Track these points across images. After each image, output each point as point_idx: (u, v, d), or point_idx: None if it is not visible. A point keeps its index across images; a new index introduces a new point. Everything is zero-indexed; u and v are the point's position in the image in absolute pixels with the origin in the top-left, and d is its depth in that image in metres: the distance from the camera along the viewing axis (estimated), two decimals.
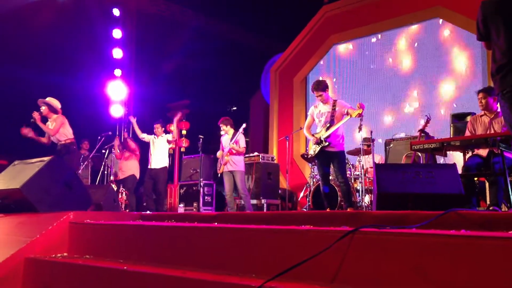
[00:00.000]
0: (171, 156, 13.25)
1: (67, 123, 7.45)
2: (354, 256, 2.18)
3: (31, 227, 3.85)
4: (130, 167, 9.20)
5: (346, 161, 7.99)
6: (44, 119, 7.45)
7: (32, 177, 4.38)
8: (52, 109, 7.48)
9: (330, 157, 6.03)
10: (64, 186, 4.61)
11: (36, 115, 7.31)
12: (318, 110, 6.20)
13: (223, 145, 7.70)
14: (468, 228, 2.26)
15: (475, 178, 5.23)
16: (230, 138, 7.57)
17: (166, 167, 8.59)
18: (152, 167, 8.49)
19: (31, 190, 4.34)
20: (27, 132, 7.32)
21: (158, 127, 8.73)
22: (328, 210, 5.74)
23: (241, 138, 7.59)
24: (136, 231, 3.48)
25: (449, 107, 9.07)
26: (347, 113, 5.89)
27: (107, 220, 4.01)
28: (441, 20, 9.46)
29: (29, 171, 4.50)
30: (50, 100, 7.51)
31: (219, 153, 7.65)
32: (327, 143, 5.89)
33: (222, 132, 7.81)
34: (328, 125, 5.97)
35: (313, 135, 6.11)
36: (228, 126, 7.68)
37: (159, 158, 8.51)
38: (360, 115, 5.84)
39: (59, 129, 7.32)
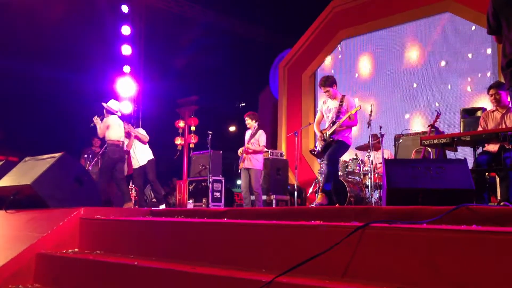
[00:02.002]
0: (180, 152, 13.32)
1: (114, 124, 7.60)
2: (365, 251, 2.18)
3: (42, 223, 3.88)
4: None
5: (355, 157, 7.97)
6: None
7: (43, 173, 4.41)
8: (108, 111, 7.72)
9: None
10: (74, 182, 4.64)
11: (94, 119, 7.66)
12: (327, 106, 6.14)
13: (245, 140, 7.68)
14: (479, 223, 2.25)
15: (486, 173, 5.18)
16: (250, 135, 7.55)
17: (152, 159, 8.35)
18: (140, 164, 8.23)
19: (42, 186, 4.37)
20: (96, 120, 7.66)
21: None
22: (337, 205, 5.69)
23: (261, 135, 7.55)
24: (147, 227, 3.50)
25: (459, 102, 9.00)
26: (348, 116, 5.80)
27: (117, 216, 4.04)
28: (450, 14, 9.38)
29: (40, 167, 4.53)
30: (110, 103, 7.80)
31: (240, 150, 7.64)
32: (331, 139, 5.84)
33: (247, 125, 7.72)
34: (333, 121, 5.91)
35: (321, 132, 6.07)
36: (254, 121, 7.62)
37: (141, 154, 8.27)
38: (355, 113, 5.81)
39: (104, 131, 7.54)
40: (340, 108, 5.90)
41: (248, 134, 7.67)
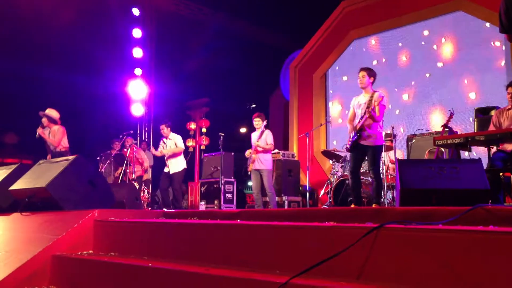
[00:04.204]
0: (191, 153, 13.36)
1: (65, 133, 7.77)
2: (380, 252, 2.16)
3: (57, 225, 3.91)
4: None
5: None
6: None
7: (57, 175, 4.45)
8: (52, 120, 7.74)
9: (364, 151, 5.77)
10: (88, 185, 4.67)
11: (39, 131, 7.69)
12: (357, 101, 5.89)
13: (252, 142, 7.67)
14: (495, 224, 2.23)
15: (500, 174, 5.13)
16: (257, 135, 7.53)
17: (179, 171, 8.41)
18: (170, 172, 8.32)
19: (57, 188, 4.41)
20: (41, 132, 7.70)
21: (163, 128, 8.50)
22: (352, 206, 5.64)
23: (268, 135, 7.54)
24: (160, 229, 3.51)
25: (472, 101, 8.92)
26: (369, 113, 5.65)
27: (131, 218, 4.06)
28: (463, 13, 9.30)
29: (54, 170, 4.58)
30: (49, 111, 7.81)
31: (247, 153, 7.63)
32: (358, 136, 5.70)
33: (256, 126, 7.69)
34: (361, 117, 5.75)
35: (353, 128, 5.79)
36: (264, 122, 7.59)
37: (171, 163, 8.36)
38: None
39: (61, 140, 7.66)
40: (370, 104, 5.66)
41: (254, 135, 7.66)
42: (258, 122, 7.59)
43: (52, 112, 7.81)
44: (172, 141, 8.41)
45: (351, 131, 5.85)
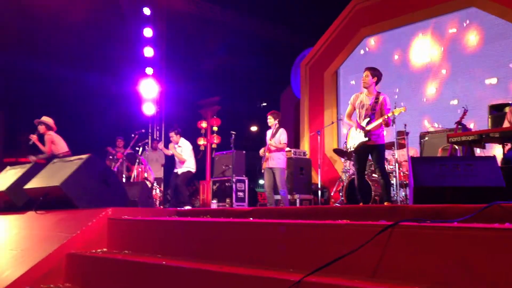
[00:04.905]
0: (203, 152, 13.41)
1: (56, 138, 7.74)
2: (394, 250, 2.15)
3: (72, 223, 3.94)
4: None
5: None
6: (41, 137, 7.82)
7: (71, 174, 4.49)
8: (48, 127, 7.78)
9: (369, 151, 5.80)
10: (101, 183, 4.71)
11: (33, 137, 7.68)
12: (360, 100, 5.86)
13: (266, 140, 7.68)
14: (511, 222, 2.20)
15: None
16: (271, 134, 7.53)
17: (187, 171, 8.55)
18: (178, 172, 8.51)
19: (71, 187, 4.45)
20: (36, 140, 7.71)
21: (173, 135, 8.58)
22: (361, 204, 5.62)
23: (282, 134, 7.54)
24: (174, 227, 3.53)
25: (486, 98, 8.82)
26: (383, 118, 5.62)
27: (144, 216, 4.08)
28: (475, 9, 9.21)
29: (68, 169, 4.62)
30: (44, 119, 7.83)
31: (261, 151, 7.63)
32: (366, 138, 5.69)
33: (269, 123, 7.70)
34: (368, 119, 5.74)
35: (359, 124, 5.77)
36: (276, 120, 7.60)
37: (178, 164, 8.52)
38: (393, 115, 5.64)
39: (51, 147, 7.65)
40: (375, 106, 5.64)
41: (269, 133, 7.66)
42: (270, 120, 7.60)
43: (47, 119, 7.85)
44: (181, 149, 8.49)
45: (356, 127, 5.84)
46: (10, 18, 10.08)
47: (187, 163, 8.43)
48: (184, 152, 8.45)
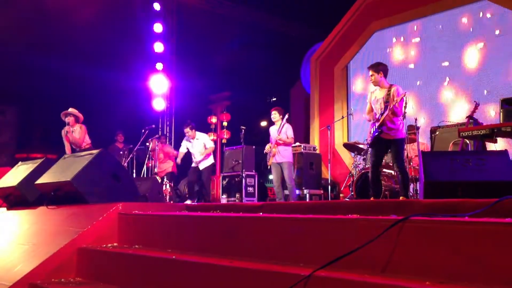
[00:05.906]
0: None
1: (86, 131, 7.85)
2: (405, 245, 2.14)
3: (82, 218, 3.97)
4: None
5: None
6: None
7: (82, 169, 4.52)
8: (78, 119, 7.81)
9: (386, 145, 5.72)
10: (112, 178, 4.73)
11: (68, 129, 7.68)
12: (374, 96, 5.82)
13: (271, 136, 7.69)
14: None
15: None
16: (278, 129, 7.54)
17: (207, 166, 8.58)
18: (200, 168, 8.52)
19: (82, 182, 4.48)
20: (70, 132, 7.72)
21: (188, 131, 8.52)
22: (372, 199, 5.60)
23: (288, 129, 7.55)
24: (184, 222, 3.54)
25: (497, 92, 8.72)
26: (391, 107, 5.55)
27: (154, 211, 4.09)
28: (488, 2, 9.09)
29: (79, 164, 4.64)
30: (72, 110, 7.82)
31: (267, 147, 7.64)
32: (379, 130, 5.63)
33: (273, 119, 7.72)
34: (381, 112, 5.69)
35: (377, 119, 5.67)
36: (281, 116, 7.61)
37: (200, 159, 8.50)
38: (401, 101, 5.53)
39: (84, 138, 7.72)
40: (388, 98, 5.58)
41: (273, 129, 7.67)
42: (274, 115, 7.64)
43: (76, 111, 7.88)
44: (200, 141, 8.47)
45: (372, 121, 5.79)
46: (24, 14, 10.15)
47: (210, 156, 8.49)
48: (207, 143, 8.50)
